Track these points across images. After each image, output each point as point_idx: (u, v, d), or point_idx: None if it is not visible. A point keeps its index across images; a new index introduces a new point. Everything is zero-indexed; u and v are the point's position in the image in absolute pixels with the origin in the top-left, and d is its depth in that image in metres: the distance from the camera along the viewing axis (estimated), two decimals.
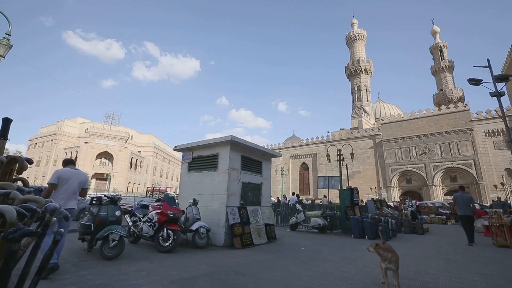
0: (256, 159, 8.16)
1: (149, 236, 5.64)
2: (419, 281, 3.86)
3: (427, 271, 4.51)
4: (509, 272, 4.61)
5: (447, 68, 57.13)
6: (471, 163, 30.71)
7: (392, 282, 3.32)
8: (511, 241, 7.51)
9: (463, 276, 4.30)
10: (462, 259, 5.68)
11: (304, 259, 5.23)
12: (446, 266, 5.03)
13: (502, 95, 11.92)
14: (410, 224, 10.98)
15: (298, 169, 45.91)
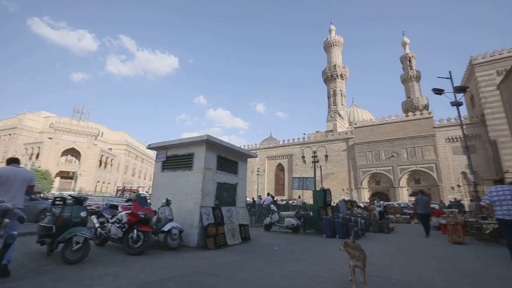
0: (232, 159, 8.13)
1: (118, 238, 5.38)
2: (383, 277, 4.07)
3: (391, 268, 4.78)
4: (462, 267, 5.02)
5: (415, 78, 61.08)
6: (433, 166, 33.07)
7: (359, 279, 3.47)
8: (464, 238, 8.21)
9: (422, 270, 4.62)
10: (422, 256, 6.09)
11: (277, 259, 5.30)
12: (408, 262, 5.36)
13: (461, 104, 12.99)
14: (378, 223, 11.58)
15: (274, 170, 46.45)
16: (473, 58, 35.06)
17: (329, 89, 54.41)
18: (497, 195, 5.57)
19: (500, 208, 5.47)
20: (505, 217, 5.36)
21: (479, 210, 10.49)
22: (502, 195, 5.52)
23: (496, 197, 5.57)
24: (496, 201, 5.57)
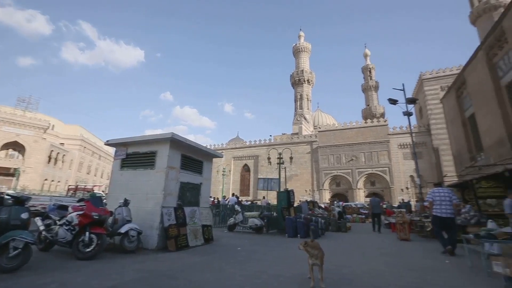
0: (197, 158, 7.96)
1: (66, 241, 4.91)
2: (339, 274, 4.32)
3: (346, 265, 5.08)
4: (406, 261, 5.52)
5: (374, 87, 65.94)
6: (386, 170, 35.99)
7: (318, 276, 3.62)
8: (409, 235, 9.06)
9: (373, 266, 4.98)
10: (374, 253, 6.58)
11: (239, 259, 5.30)
12: (362, 259, 5.75)
13: (411, 114, 14.32)
14: (336, 223, 12.23)
15: (239, 170, 46.52)
16: (422, 74, 38.96)
17: (296, 93, 56.20)
18: (439, 195, 6.45)
19: (439, 207, 6.35)
20: (442, 214, 6.27)
21: (423, 210, 11.69)
22: (443, 196, 6.42)
23: (438, 198, 6.44)
24: (436, 201, 6.44)
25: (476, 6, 37.80)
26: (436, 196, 6.52)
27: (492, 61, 12.42)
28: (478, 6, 37.47)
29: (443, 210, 6.31)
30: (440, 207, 6.36)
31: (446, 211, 6.27)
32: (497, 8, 33.68)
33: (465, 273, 4.55)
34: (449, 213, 6.30)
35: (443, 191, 6.59)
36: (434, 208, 6.50)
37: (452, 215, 6.36)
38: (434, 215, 6.52)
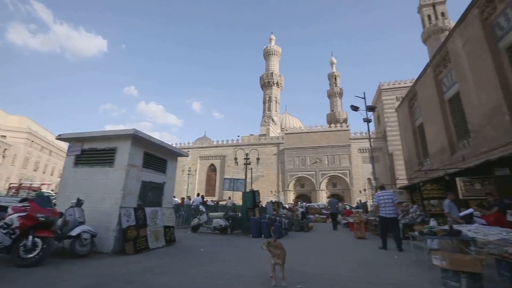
0: (161, 157, 7.65)
1: (4, 247, 4.36)
2: (300, 272, 4.46)
3: (307, 263, 5.28)
4: (361, 258, 5.91)
5: (338, 94, 69.58)
6: (347, 172, 38.20)
7: (279, 275, 3.71)
8: (365, 234, 9.72)
9: (332, 264, 5.25)
10: (333, 251, 6.94)
11: (202, 261, 5.21)
12: (322, 257, 6.02)
13: (370, 121, 15.37)
14: (299, 223, 12.64)
15: (206, 170, 45.73)
16: (381, 84, 42.18)
17: (265, 95, 56.97)
18: (383, 198, 7.29)
19: (384, 209, 7.19)
20: (386, 215, 7.14)
21: (377, 210, 12.61)
22: (386, 198, 7.28)
23: (382, 200, 7.28)
24: (381, 203, 7.27)
25: (427, 27, 42.10)
26: (381, 199, 7.33)
27: (438, 78, 13.90)
28: (428, 28, 41.76)
29: (387, 211, 7.15)
30: (385, 208, 7.18)
31: (390, 212, 7.14)
32: (443, 31, 37.85)
33: (410, 267, 5.01)
34: (392, 214, 7.16)
35: (386, 194, 7.45)
36: (380, 210, 7.30)
37: (395, 215, 7.25)
38: (381, 216, 7.30)
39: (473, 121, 10.61)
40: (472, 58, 10.36)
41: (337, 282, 3.96)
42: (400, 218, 9.68)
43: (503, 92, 8.79)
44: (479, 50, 9.84)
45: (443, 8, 42.03)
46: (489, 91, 9.42)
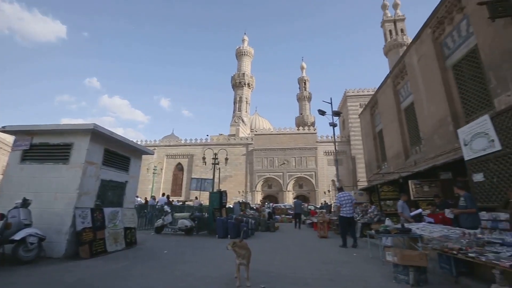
0: (124, 154, 7.23)
1: None
2: (265, 272, 4.52)
3: (272, 263, 5.37)
4: (324, 256, 6.17)
5: (307, 98, 71.94)
6: (313, 174, 39.67)
7: (244, 275, 3.72)
8: (327, 233, 10.17)
9: (296, 263, 5.40)
10: (297, 250, 7.14)
11: (165, 263, 5.02)
12: (286, 256, 6.16)
13: (336, 125, 16.13)
14: (266, 223, 12.81)
15: (172, 169, 44.24)
16: (347, 91, 44.59)
17: (236, 95, 56.85)
18: (344, 199, 7.82)
19: (345, 209, 7.73)
20: (347, 215, 7.70)
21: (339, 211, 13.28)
22: (346, 199, 7.86)
23: (344, 201, 7.81)
24: (342, 204, 7.81)
25: (388, 41, 45.50)
26: (342, 200, 7.86)
27: (396, 88, 15.11)
28: (389, 42, 45.16)
29: (348, 211, 7.72)
30: (345, 209, 7.72)
31: (350, 212, 7.77)
32: (402, 46, 41.22)
33: (367, 263, 5.36)
34: (351, 213, 7.81)
35: (346, 195, 8.00)
36: (341, 210, 7.79)
37: (352, 215, 7.92)
38: (342, 216, 7.76)
39: (424, 130, 11.70)
40: (425, 72, 11.43)
41: (299, 280, 4.08)
42: (359, 218, 10.32)
43: (448, 105, 9.83)
44: (431, 66, 10.89)
45: (402, 25, 45.78)
46: (437, 103, 10.47)
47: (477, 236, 4.14)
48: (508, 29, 6.87)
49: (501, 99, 7.10)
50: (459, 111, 9.60)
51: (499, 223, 5.30)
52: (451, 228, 5.44)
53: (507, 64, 6.94)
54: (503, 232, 4.66)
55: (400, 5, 47.94)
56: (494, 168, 5.85)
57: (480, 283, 3.48)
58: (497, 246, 3.51)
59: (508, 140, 5.59)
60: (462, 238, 4.13)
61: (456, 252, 3.60)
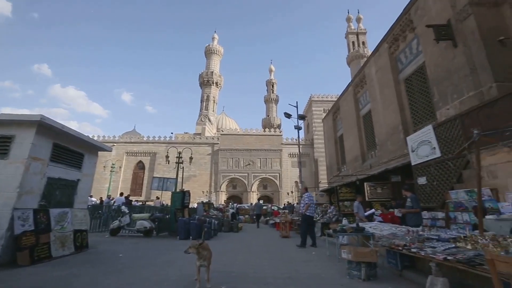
0: (77, 150, 6.65)
1: None
2: (226, 272, 4.50)
3: (234, 263, 5.35)
4: (285, 256, 6.34)
5: (274, 100, 73.33)
6: (277, 175, 40.52)
7: (205, 277, 3.65)
8: (289, 233, 10.47)
9: (257, 262, 5.46)
10: (259, 250, 7.22)
11: (119, 268, 4.71)
12: (248, 256, 6.20)
13: (300, 129, 16.67)
14: (229, 224, 12.75)
15: (133, 167, 41.79)
16: (312, 96, 46.48)
17: (204, 93, 55.77)
18: (309, 200, 8.06)
19: (310, 209, 7.98)
20: (312, 214, 8.01)
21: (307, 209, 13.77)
22: (311, 199, 8.17)
23: (311, 201, 8.06)
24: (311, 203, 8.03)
25: (351, 52, 48.57)
26: (310, 199, 8.13)
27: (356, 96, 16.18)
28: (352, 52, 48.24)
29: (312, 211, 8.07)
30: (310, 208, 8.00)
31: (313, 212, 8.17)
32: (363, 57, 44.26)
33: (324, 261, 5.63)
34: (313, 213, 8.20)
35: (310, 195, 8.31)
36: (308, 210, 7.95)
37: (314, 215, 8.32)
38: (308, 215, 7.92)
39: (379, 136, 12.69)
40: (381, 83, 12.41)
41: (260, 280, 4.14)
42: (319, 218, 10.82)
43: (400, 114, 10.80)
44: (386, 78, 11.87)
45: (364, 38, 49.20)
46: (391, 112, 11.44)
47: (419, 233, 4.60)
48: (449, 50, 7.79)
49: (442, 111, 8.00)
50: (409, 120, 10.61)
51: (437, 221, 5.96)
52: (398, 227, 5.98)
53: (447, 81, 7.86)
54: (439, 229, 5.26)
55: (362, 19, 51.53)
56: (435, 173, 6.57)
57: (420, 275, 3.86)
58: (434, 242, 3.94)
59: (446, 148, 6.32)
60: (406, 235, 4.55)
61: (401, 248, 3.97)
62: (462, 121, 5.86)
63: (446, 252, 3.32)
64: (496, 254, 1.64)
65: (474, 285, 3.18)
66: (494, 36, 6.81)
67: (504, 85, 6.24)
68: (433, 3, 8.59)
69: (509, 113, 4.79)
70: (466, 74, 7.18)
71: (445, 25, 7.79)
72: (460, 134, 5.88)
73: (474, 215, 4.84)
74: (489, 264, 1.56)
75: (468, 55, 7.15)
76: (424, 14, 9.09)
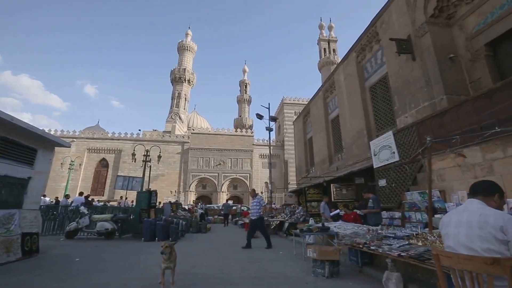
0: (28, 145, 6.05)
1: None
2: (192, 274, 4.40)
3: (201, 264, 5.26)
4: (253, 256, 6.37)
5: (247, 101, 73.50)
6: (247, 176, 40.64)
7: (170, 279, 3.54)
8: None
9: (225, 263, 5.41)
10: (227, 251, 7.18)
11: (74, 273, 4.38)
12: (216, 257, 6.12)
13: (272, 130, 16.94)
14: (198, 224, 12.51)
15: (95, 165, 39.09)
16: (284, 98, 47.45)
17: (175, 90, 54.09)
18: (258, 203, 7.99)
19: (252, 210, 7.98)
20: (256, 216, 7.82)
21: (270, 211, 13.96)
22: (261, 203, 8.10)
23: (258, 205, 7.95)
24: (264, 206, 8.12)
25: (322, 58, 50.52)
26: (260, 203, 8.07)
27: (326, 101, 16.86)
28: (323, 59, 50.19)
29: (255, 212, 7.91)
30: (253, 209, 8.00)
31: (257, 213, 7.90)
32: (333, 64, 46.25)
33: (290, 260, 5.77)
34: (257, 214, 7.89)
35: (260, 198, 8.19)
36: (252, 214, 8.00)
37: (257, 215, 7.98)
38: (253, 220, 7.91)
39: (346, 140, 13.35)
40: (349, 90, 13.08)
41: (226, 280, 4.12)
42: (288, 218, 11.07)
43: (365, 120, 11.47)
44: (354, 85, 12.54)
45: (334, 45, 51.46)
46: (357, 118, 12.11)
47: (378, 232, 4.92)
48: (408, 63, 8.47)
49: (401, 119, 8.66)
50: (373, 126, 11.31)
51: (394, 220, 6.43)
52: (360, 226, 6.35)
53: (406, 91, 8.53)
54: (396, 228, 5.68)
55: (334, 27, 53.85)
56: (393, 175, 7.07)
57: (378, 271, 4.13)
58: (391, 239, 4.25)
59: (404, 153, 6.84)
60: (367, 234, 4.84)
61: (361, 246, 4.21)
62: (417, 129, 6.40)
63: (401, 248, 3.60)
64: (441, 249, 1.82)
65: (424, 278, 3.49)
66: (446, 53, 7.55)
67: (453, 97, 6.94)
68: (396, 19, 9.27)
69: (455, 123, 5.34)
70: (422, 85, 7.86)
71: (406, 39, 8.45)
72: (415, 140, 6.41)
73: (426, 214, 5.31)
74: (435, 259, 1.73)
75: (424, 68, 7.83)
76: (388, 28, 9.77)
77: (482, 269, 1.45)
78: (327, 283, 3.96)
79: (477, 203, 1.76)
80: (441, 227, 1.91)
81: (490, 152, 4.55)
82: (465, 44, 7.50)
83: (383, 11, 10.08)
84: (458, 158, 5.04)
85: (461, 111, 5.28)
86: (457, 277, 1.60)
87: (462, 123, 5.19)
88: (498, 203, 1.75)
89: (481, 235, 1.58)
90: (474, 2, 7.32)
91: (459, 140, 4.85)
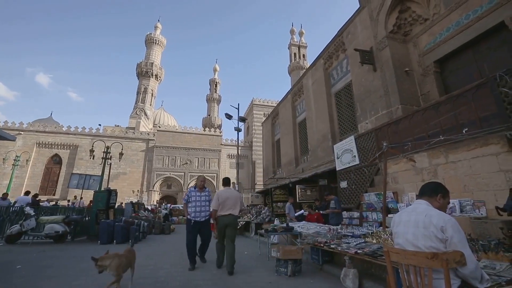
0: None
1: None
2: (153, 278, 4.22)
3: (162, 267, 5.08)
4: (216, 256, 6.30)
5: (216, 100, 72.63)
6: (215, 176, 40.14)
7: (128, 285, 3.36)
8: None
9: (187, 265, 5.27)
10: None
11: (14, 282, 3.94)
12: (179, 260, 5.95)
13: (240, 130, 16.95)
14: (161, 225, 12.03)
15: (45, 161, 35.48)
16: (254, 99, 47.80)
17: (141, 85, 51.45)
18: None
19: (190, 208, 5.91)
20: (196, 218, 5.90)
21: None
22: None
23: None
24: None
25: (292, 62, 51.93)
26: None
27: (294, 104, 17.37)
28: (293, 63, 51.62)
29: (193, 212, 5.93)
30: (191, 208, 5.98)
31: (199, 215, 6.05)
32: (302, 69, 47.82)
33: (254, 260, 5.83)
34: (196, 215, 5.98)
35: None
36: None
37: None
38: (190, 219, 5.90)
39: (311, 143, 13.88)
40: (316, 95, 13.63)
41: (188, 282, 4.03)
42: (254, 218, 11.16)
43: (330, 124, 12.05)
44: (320, 90, 13.10)
45: (304, 51, 53.23)
46: (322, 122, 12.66)
47: (338, 231, 5.20)
48: (370, 73, 9.10)
49: (362, 125, 9.26)
50: (337, 130, 11.91)
51: (353, 220, 6.84)
52: (322, 225, 6.64)
53: (367, 99, 9.15)
54: (354, 227, 6.05)
55: (304, 34, 55.71)
56: (354, 178, 7.52)
57: (337, 268, 4.36)
58: (349, 238, 4.52)
59: (363, 157, 7.31)
60: (328, 233, 5.09)
61: (322, 245, 4.42)
62: (376, 135, 6.90)
63: (357, 246, 3.84)
64: (391, 246, 1.99)
65: (377, 273, 3.77)
66: (402, 66, 8.26)
67: (406, 107, 7.61)
68: (361, 31, 9.90)
69: (408, 131, 5.87)
70: (381, 95, 8.49)
71: (368, 51, 9.07)
72: (374, 145, 6.90)
73: (381, 214, 5.74)
74: (385, 255, 1.88)
75: (384, 79, 8.48)
76: (353, 38, 10.39)
77: (423, 263, 1.62)
78: (289, 282, 4.07)
79: (424, 204, 1.95)
80: (392, 226, 2.09)
81: (435, 157, 5.08)
82: (418, 60, 8.28)
83: (349, 23, 10.70)
84: (409, 162, 5.54)
85: (413, 120, 5.82)
86: (403, 271, 1.76)
87: (414, 130, 5.73)
88: (441, 203, 1.95)
89: (425, 234, 1.75)
90: (426, 23, 8.13)
91: (410, 146, 5.33)
